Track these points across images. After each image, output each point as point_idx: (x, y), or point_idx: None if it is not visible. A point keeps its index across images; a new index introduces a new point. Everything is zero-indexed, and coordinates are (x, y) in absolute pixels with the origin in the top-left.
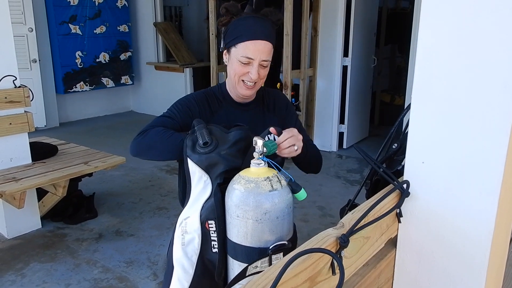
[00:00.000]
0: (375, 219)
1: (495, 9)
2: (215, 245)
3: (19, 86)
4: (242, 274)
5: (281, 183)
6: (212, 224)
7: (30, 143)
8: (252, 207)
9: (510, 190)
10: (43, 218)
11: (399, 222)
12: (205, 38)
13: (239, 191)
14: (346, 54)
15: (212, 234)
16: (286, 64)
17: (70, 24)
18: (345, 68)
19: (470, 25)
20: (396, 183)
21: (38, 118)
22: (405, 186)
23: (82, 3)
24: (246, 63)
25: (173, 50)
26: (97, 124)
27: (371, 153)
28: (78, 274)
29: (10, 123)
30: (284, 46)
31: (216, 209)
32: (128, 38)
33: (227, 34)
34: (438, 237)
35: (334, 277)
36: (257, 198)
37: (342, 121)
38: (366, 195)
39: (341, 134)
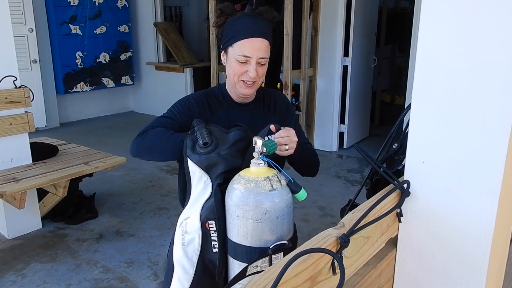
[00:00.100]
0: (376, 219)
1: (495, 9)
2: (215, 245)
3: (20, 87)
4: (243, 274)
5: (281, 183)
6: (212, 224)
7: (31, 144)
8: (252, 207)
9: (510, 190)
10: (44, 218)
11: (400, 222)
12: (205, 38)
13: (239, 191)
14: (346, 54)
15: (212, 234)
16: (286, 64)
17: (70, 24)
18: (345, 68)
19: (470, 25)
20: (396, 183)
21: (39, 119)
22: (405, 186)
23: (82, 4)
24: (244, 62)
25: (173, 50)
26: (97, 124)
27: (372, 153)
28: (78, 274)
29: (11, 124)
30: (284, 46)
31: (216, 209)
32: (128, 38)
33: (223, 35)
34: (438, 237)
35: (334, 277)
36: (257, 198)
37: (342, 121)
38: (367, 195)
39: (341, 134)
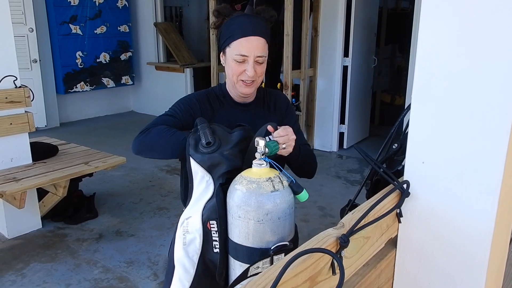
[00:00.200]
0: (375, 219)
1: (495, 9)
2: (217, 245)
3: (20, 86)
4: (244, 275)
5: (283, 184)
6: (213, 224)
7: (31, 143)
8: (253, 208)
9: (510, 190)
10: (44, 218)
11: (399, 222)
12: (205, 38)
13: (241, 192)
14: (346, 54)
15: (213, 234)
16: (287, 64)
17: (70, 24)
18: (345, 68)
19: (470, 25)
20: (396, 183)
21: (39, 118)
22: (405, 186)
23: (82, 3)
24: (242, 61)
25: (173, 50)
26: (97, 124)
27: (372, 153)
28: (78, 274)
29: (11, 123)
30: (284, 46)
31: (218, 209)
32: (128, 38)
33: (221, 36)
34: (438, 237)
35: (334, 277)
36: (258, 198)
37: (342, 121)
38: (367, 195)
39: (341, 134)
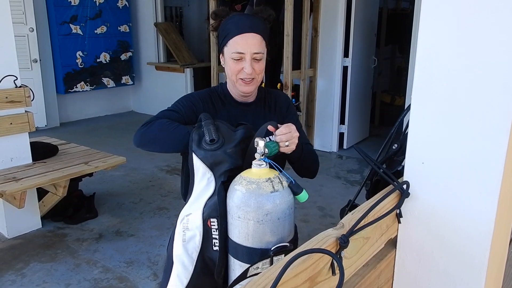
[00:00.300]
0: (375, 220)
1: (495, 9)
2: (216, 243)
3: (20, 86)
4: (244, 275)
5: (282, 184)
6: (214, 222)
7: (31, 143)
8: (253, 208)
9: (510, 190)
10: (44, 218)
11: (399, 222)
12: (205, 39)
13: (240, 192)
14: (346, 54)
15: (213, 232)
16: (287, 64)
17: (71, 24)
18: (345, 68)
19: (470, 25)
20: (396, 184)
21: (39, 118)
22: (405, 186)
23: (83, 3)
24: (239, 59)
25: (173, 51)
26: (97, 124)
27: (371, 153)
28: (78, 274)
29: (11, 123)
30: (284, 46)
31: (219, 207)
32: (128, 38)
33: (219, 37)
34: (438, 237)
35: (334, 277)
36: (258, 199)
37: (342, 121)
38: (366, 196)
39: (341, 135)
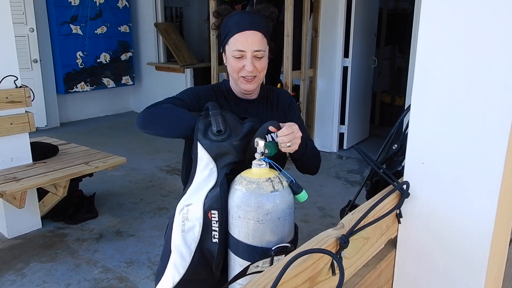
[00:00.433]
0: (375, 220)
1: (495, 9)
2: (216, 235)
3: (20, 86)
4: (243, 273)
5: (282, 184)
6: (215, 214)
7: (31, 143)
8: (253, 208)
9: (510, 190)
10: (44, 218)
11: (399, 222)
12: (205, 39)
13: (241, 192)
14: (346, 55)
15: (213, 224)
16: (287, 64)
17: (71, 24)
18: (345, 68)
19: (470, 25)
20: (396, 184)
21: (39, 118)
22: (405, 186)
23: (83, 4)
24: (240, 57)
25: (173, 51)
26: (97, 124)
27: (371, 154)
28: (78, 274)
29: (11, 123)
30: (284, 47)
31: (220, 199)
32: (129, 39)
33: (221, 35)
34: (438, 237)
35: (334, 277)
36: (258, 199)
37: (342, 121)
38: (366, 196)
39: (341, 135)
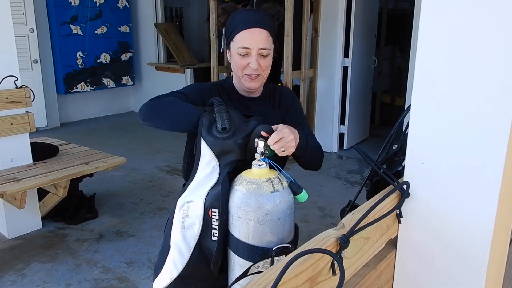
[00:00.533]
0: (375, 220)
1: (495, 9)
2: (215, 233)
3: (20, 87)
4: (244, 274)
5: (282, 184)
6: (215, 212)
7: (31, 143)
8: (253, 208)
9: (510, 190)
10: (44, 218)
11: (399, 222)
12: (205, 39)
13: (241, 192)
14: (346, 55)
15: (214, 222)
16: (287, 65)
17: (71, 24)
18: (345, 69)
19: (470, 25)
20: (396, 184)
21: (39, 119)
22: (405, 187)
23: (83, 4)
24: (245, 54)
25: (173, 51)
26: (98, 124)
27: (372, 154)
28: (78, 274)
29: (11, 124)
30: (284, 47)
31: (221, 197)
32: (129, 39)
33: (226, 32)
34: (438, 237)
35: (334, 277)
36: (258, 199)
37: (342, 121)
38: (367, 196)
39: (341, 135)
